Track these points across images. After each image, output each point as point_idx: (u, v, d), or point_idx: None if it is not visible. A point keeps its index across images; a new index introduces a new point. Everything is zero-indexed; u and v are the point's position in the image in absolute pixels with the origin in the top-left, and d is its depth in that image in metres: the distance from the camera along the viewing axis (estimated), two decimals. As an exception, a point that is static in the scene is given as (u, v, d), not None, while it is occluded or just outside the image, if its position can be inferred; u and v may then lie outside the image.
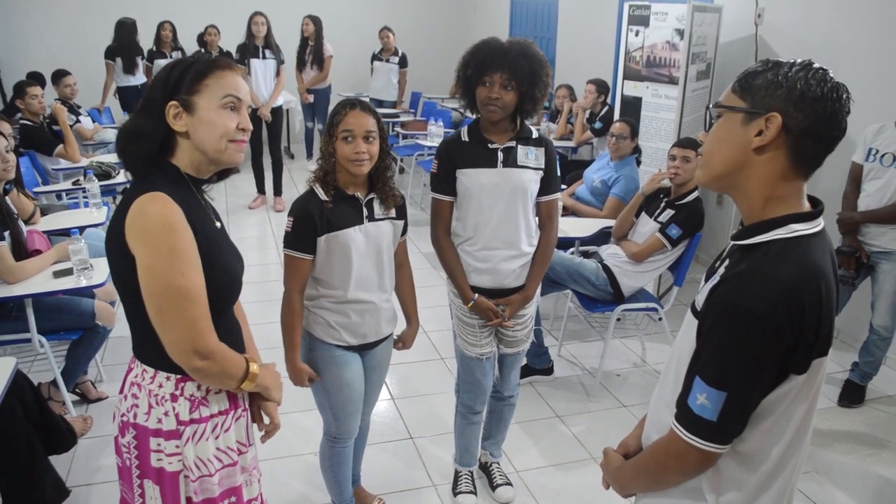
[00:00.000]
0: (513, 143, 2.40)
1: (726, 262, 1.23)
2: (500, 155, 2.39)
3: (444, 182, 2.45)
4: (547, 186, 2.47)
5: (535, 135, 2.45)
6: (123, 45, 7.27)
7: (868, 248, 3.40)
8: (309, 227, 2.12)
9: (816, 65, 1.17)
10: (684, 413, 1.21)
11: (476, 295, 2.48)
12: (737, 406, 1.17)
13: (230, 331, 1.62)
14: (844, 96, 1.16)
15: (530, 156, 2.42)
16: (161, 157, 1.51)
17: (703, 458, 1.21)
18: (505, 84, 2.27)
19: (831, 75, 1.17)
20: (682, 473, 1.28)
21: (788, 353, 1.14)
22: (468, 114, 2.50)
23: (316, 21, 7.44)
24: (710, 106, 1.29)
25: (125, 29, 7.28)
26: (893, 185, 3.31)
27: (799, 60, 1.19)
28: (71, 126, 5.51)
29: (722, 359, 1.16)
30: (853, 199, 3.46)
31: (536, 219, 2.53)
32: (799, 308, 1.12)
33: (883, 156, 3.36)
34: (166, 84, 1.49)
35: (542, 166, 2.44)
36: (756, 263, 1.16)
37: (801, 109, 1.15)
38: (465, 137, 2.43)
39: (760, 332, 1.12)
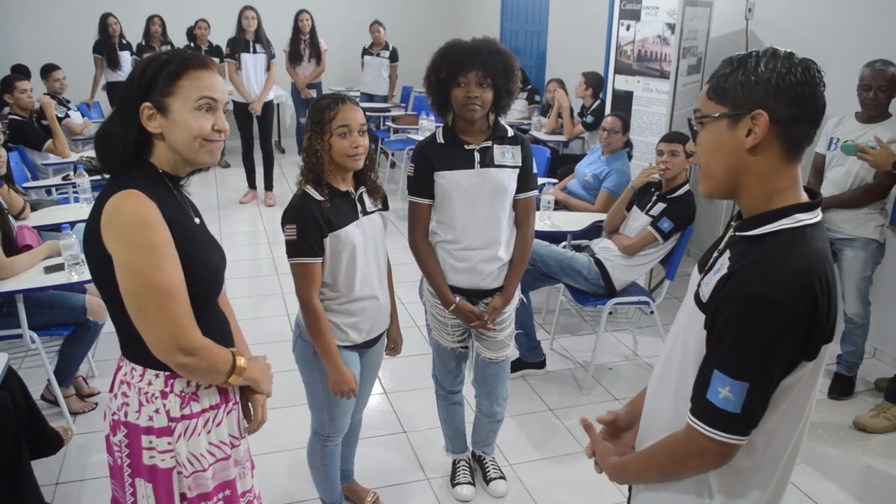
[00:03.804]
0: (489, 143, 2.40)
1: (728, 254, 1.23)
2: (477, 156, 2.39)
3: (421, 185, 2.43)
4: (524, 183, 2.47)
5: (510, 133, 2.45)
6: (104, 40, 7.24)
7: (831, 235, 3.44)
8: (315, 229, 2.08)
9: (781, 50, 1.18)
10: (703, 408, 1.20)
11: (458, 298, 2.48)
12: (760, 395, 1.17)
13: (216, 325, 1.62)
14: (816, 74, 1.17)
15: (507, 155, 2.42)
16: (137, 156, 1.50)
17: (725, 452, 1.21)
18: (480, 82, 2.28)
19: (797, 56, 1.17)
20: (699, 469, 1.27)
21: (804, 339, 1.15)
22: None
23: (311, 16, 7.43)
24: (691, 118, 1.28)
25: (102, 24, 7.25)
26: (854, 172, 3.37)
27: (762, 51, 1.19)
28: (60, 120, 5.47)
29: (743, 349, 1.15)
30: (816, 188, 3.51)
31: (513, 214, 2.52)
32: (813, 295, 1.13)
33: (843, 144, 3.41)
34: (140, 84, 1.47)
35: (519, 164, 2.44)
36: (768, 253, 1.17)
37: (782, 100, 1.15)
38: (440, 139, 2.42)
39: (780, 320, 1.12)
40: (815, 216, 1.20)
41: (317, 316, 2.14)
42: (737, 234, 1.25)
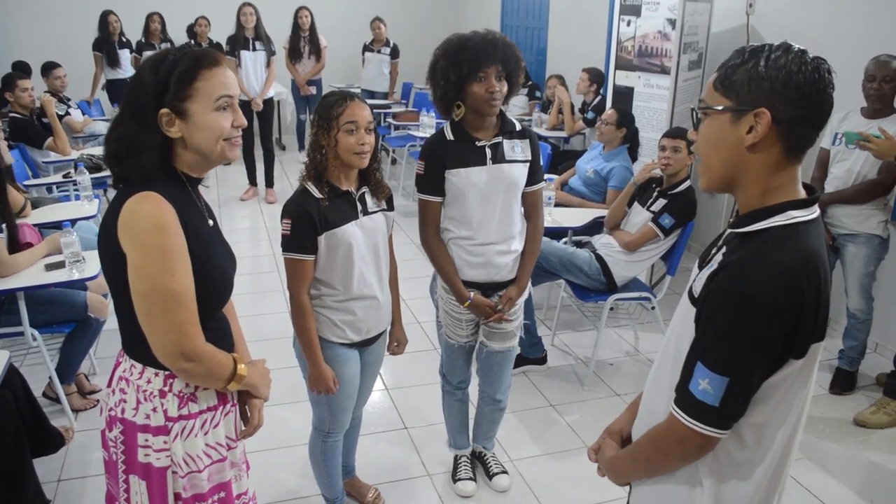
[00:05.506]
0: (499, 139, 2.39)
1: (723, 250, 1.23)
2: (489, 152, 2.38)
3: (431, 183, 2.42)
4: (532, 176, 2.47)
5: (517, 127, 2.44)
6: (104, 38, 7.23)
7: (834, 231, 3.46)
8: (309, 226, 2.08)
9: (794, 46, 1.16)
10: (685, 398, 1.21)
11: (472, 294, 2.47)
12: (739, 391, 1.17)
13: (219, 329, 1.62)
14: (827, 75, 1.14)
15: (517, 149, 2.41)
16: (165, 163, 1.48)
17: (704, 443, 1.22)
18: (499, 76, 2.27)
19: (810, 55, 1.15)
20: (681, 459, 1.28)
21: (789, 337, 1.14)
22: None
23: (311, 12, 7.42)
24: (695, 107, 1.26)
25: (102, 22, 7.23)
26: (858, 167, 3.37)
27: (775, 45, 1.16)
28: (61, 118, 5.47)
29: (724, 344, 1.16)
30: (821, 183, 3.55)
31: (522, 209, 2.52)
32: (798, 293, 1.13)
33: (846, 133, 3.40)
34: (154, 89, 1.42)
35: (529, 158, 2.44)
36: (756, 250, 1.16)
37: (787, 100, 1.13)
38: (449, 136, 2.40)
39: (762, 318, 1.12)
40: (809, 213, 1.19)
41: (303, 312, 2.15)
42: (731, 230, 1.25)
